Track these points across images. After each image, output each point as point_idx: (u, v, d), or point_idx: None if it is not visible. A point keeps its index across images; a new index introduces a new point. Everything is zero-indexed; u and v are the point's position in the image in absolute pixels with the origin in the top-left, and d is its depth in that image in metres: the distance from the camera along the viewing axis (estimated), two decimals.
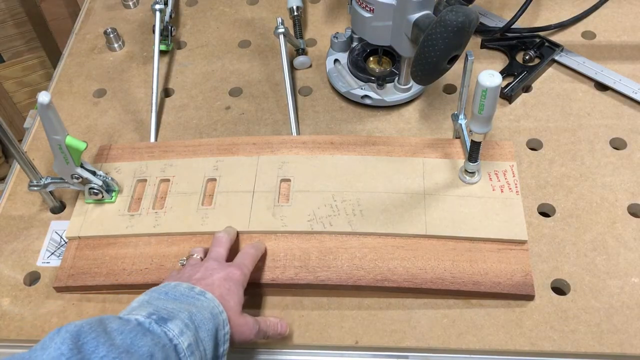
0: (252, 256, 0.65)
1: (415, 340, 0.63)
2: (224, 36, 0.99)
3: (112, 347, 0.45)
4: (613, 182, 0.74)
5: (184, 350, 0.49)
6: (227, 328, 0.55)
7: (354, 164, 0.75)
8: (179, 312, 0.52)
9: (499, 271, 0.66)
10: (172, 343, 0.49)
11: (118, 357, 0.44)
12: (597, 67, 0.86)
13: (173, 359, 0.49)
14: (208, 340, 0.52)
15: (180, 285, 0.56)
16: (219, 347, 0.54)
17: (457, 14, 0.63)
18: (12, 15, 1.56)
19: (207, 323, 0.53)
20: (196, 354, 0.50)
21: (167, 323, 0.50)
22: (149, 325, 0.49)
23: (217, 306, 0.55)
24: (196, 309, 0.53)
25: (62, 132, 0.65)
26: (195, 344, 0.51)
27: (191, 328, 0.51)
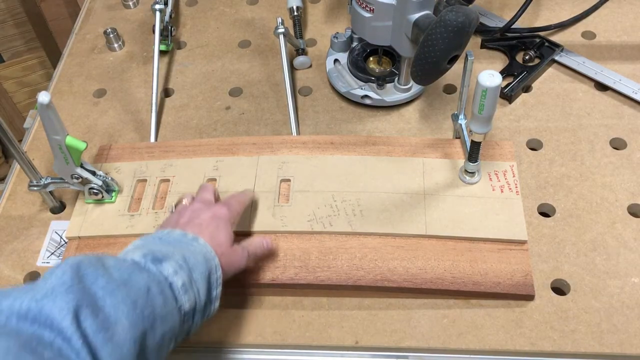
0: (237, 197, 0.67)
1: (415, 340, 0.63)
2: (224, 36, 0.99)
3: (110, 279, 0.47)
4: (613, 182, 0.74)
5: (178, 288, 0.51)
6: (220, 272, 0.57)
7: (354, 164, 0.75)
8: (172, 254, 0.54)
9: (499, 271, 0.66)
10: (167, 281, 0.51)
11: (117, 287, 0.46)
12: (597, 67, 0.86)
13: (168, 294, 0.50)
14: (201, 282, 0.54)
15: (173, 232, 0.58)
16: (211, 290, 0.56)
17: (457, 14, 0.63)
18: (12, 15, 1.56)
19: (200, 266, 0.55)
20: (190, 293, 0.52)
21: (161, 263, 0.52)
22: (145, 264, 0.52)
23: (210, 251, 0.57)
24: (189, 252, 0.55)
25: (62, 132, 0.65)
26: (189, 283, 0.52)
27: (185, 269, 0.53)
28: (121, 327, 0.45)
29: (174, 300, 0.51)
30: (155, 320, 0.48)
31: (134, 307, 0.46)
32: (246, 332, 0.65)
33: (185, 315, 0.52)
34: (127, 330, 0.45)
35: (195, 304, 0.53)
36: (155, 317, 0.48)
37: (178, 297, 0.51)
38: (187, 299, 0.52)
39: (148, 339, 0.47)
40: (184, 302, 0.52)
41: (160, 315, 0.49)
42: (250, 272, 0.67)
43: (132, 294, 0.47)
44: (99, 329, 0.43)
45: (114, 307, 0.45)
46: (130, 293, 0.47)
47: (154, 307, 0.48)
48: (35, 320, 0.42)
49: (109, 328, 0.44)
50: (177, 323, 0.51)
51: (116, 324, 0.45)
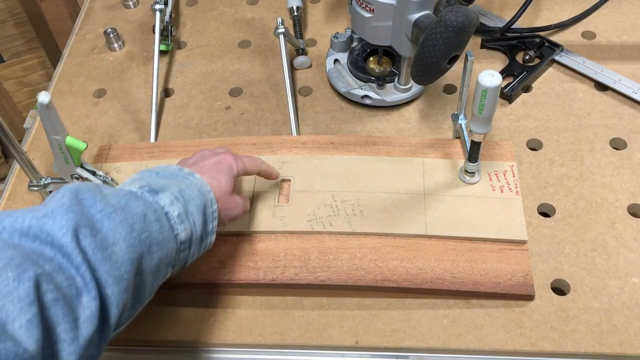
0: (256, 162, 0.67)
1: (415, 340, 0.63)
2: (224, 36, 0.99)
3: (108, 204, 0.48)
4: (613, 182, 0.74)
5: (174, 218, 0.53)
6: (215, 206, 0.59)
7: (354, 164, 0.75)
8: (169, 186, 0.55)
9: (499, 271, 0.66)
10: (163, 210, 0.53)
11: (114, 212, 0.48)
12: (597, 67, 0.86)
13: (164, 222, 0.52)
14: (197, 214, 0.56)
15: (170, 167, 0.60)
16: (207, 222, 0.58)
17: (457, 14, 0.63)
18: (12, 15, 1.55)
19: (196, 199, 0.56)
20: (186, 223, 0.54)
21: (158, 194, 0.54)
22: (141, 194, 0.53)
23: (205, 185, 0.59)
24: (185, 185, 0.57)
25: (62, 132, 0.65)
26: (185, 214, 0.54)
27: (180, 200, 0.54)
28: (119, 248, 0.46)
29: (170, 229, 0.53)
30: (152, 245, 0.50)
31: (131, 230, 0.48)
32: (246, 332, 0.65)
33: (182, 244, 0.54)
34: (124, 251, 0.47)
35: (191, 234, 0.55)
36: (151, 242, 0.50)
37: (174, 226, 0.53)
38: (183, 229, 0.54)
39: (145, 262, 0.49)
40: (180, 231, 0.53)
41: (157, 240, 0.50)
42: (251, 272, 0.67)
43: (130, 219, 0.49)
44: (97, 248, 0.45)
45: (112, 230, 0.47)
46: (127, 217, 0.49)
47: (151, 233, 0.50)
48: (37, 237, 0.44)
49: (107, 247, 0.46)
50: (174, 250, 0.53)
51: (114, 244, 0.46)
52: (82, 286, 0.44)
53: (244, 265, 0.68)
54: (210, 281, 0.67)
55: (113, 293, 0.45)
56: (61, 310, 0.42)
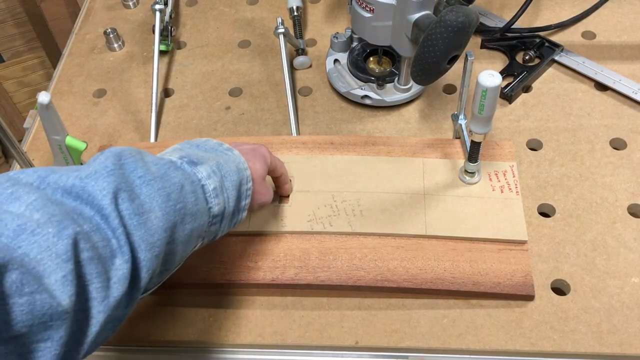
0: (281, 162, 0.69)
1: (415, 340, 0.63)
2: (224, 36, 0.99)
3: (148, 171, 0.49)
4: (613, 182, 0.74)
5: (210, 191, 0.54)
6: (250, 184, 0.60)
7: (354, 164, 0.75)
8: (208, 159, 0.56)
9: (499, 271, 0.66)
10: (200, 182, 0.54)
11: (153, 179, 0.49)
12: (597, 67, 0.86)
13: (200, 194, 0.53)
14: (232, 189, 0.57)
15: (210, 140, 0.61)
16: (241, 199, 0.59)
17: (457, 14, 0.63)
18: (12, 15, 1.56)
19: (232, 175, 0.57)
20: (220, 198, 0.55)
21: (196, 166, 0.55)
22: (181, 165, 0.54)
23: (243, 162, 0.60)
24: (223, 160, 0.57)
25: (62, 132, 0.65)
26: (220, 189, 0.55)
27: (217, 174, 0.55)
28: (154, 215, 0.48)
29: (204, 202, 0.54)
30: (185, 216, 0.51)
31: (168, 199, 0.49)
32: (246, 332, 0.65)
33: (214, 217, 0.55)
34: (159, 219, 0.48)
35: (224, 209, 0.56)
36: (186, 213, 0.51)
37: (209, 200, 0.54)
38: (216, 203, 0.55)
39: (177, 231, 0.50)
40: (214, 205, 0.54)
41: (191, 212, 0.51)
42: (251, 272, 0.67)
43: (167, 188, 0.49)
44: (134, 213, 0.46)
45: (149, 197, 0.48)
46: (165, 186, 0.49)
47: (186, 204, 0.51)
48: (79, 196, 0.45)
49: (143, 213, 0.47)
50: (205, 223, 0.54)
51: (150, 211, 0.47)
52: (117, 248, 0.45)
53: (244, 265, 0.68)
54: (210, 281, 0.67)
55: (145, 258, 0.46)
56: (95, 270, 0.43)
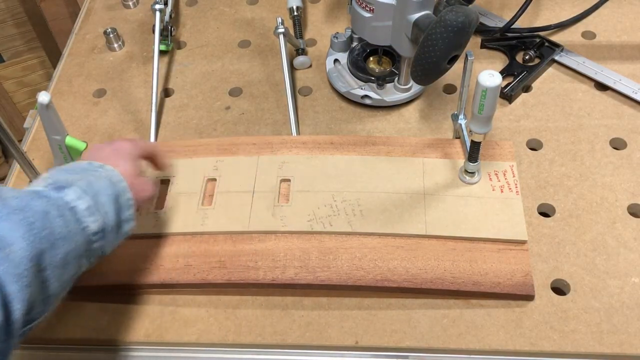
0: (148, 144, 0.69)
1: (415, 340, 0.63)
2: (224, 36, 0.99)
3: (6, 206, 0.49)
4: (613, 182, 0.74)
5: (82, 211, 0.54)
6: (129, 194, 0.60)
7: (354, 164, 0.75)
8: (77, 180, 0.56)
9: (499, 271, 0.66)
10: (68, 205, 0.54)
11: (12, 213, 0.49)
12: (597, 67, 0.86)
13: (69, 217, 0.53)
14: (109, 204, 0.57)
15: (80, 163, 0.61)
16: (122, 210, 0.59)
17: (457, 14, 0.63)
18: (12, 15, 1.55)
19: (107, 189, 0.57)
20: (96, 215, 0.55)
21: (64, 190, 0.55)
22: (45, 192, 0.54)
23: (116, 175, 0.60)
24: (95, 178, 0.58)
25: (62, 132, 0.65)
26: (94, 206, 0.55)
27: (89, 193, 0.56)
28: (17, 247, 0.48)
29: (76, 223, 0.54)
30: (55, 241, 0.51)
31: (30, 229, 0.49)
32: (246, 332, 0.65)
33: (94, 235, 0.55)
34: (24, 250, 0.48)
35: (104, 224, 0.56)
36: (55, 238, 0.51)
37: (82, 219, 0.54)
38: (92, 220, 0.55)
39: (47, 258, 0.50)
40: (90, 222, 0.55)
41: (61, 235, 0.52)
42: (251, 272, 0.67)
43: (29, 218, 0.50)
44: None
45: (10, 230, 0.48)
46: (27, 216, 0.50)
47: (53, 229, 0.51)
48: None
49: (4, 248, 0.47)
50: (83, 243, 0.54)
51: (12, 244, 0.48)
52: None
53: (244, 265, 0.68)
54: (210, 281, 0.67)
55: (14, 290, 0.47)
56: None
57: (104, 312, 0.68)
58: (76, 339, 0.66)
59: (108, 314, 0.68)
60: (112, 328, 0.67)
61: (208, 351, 0.66)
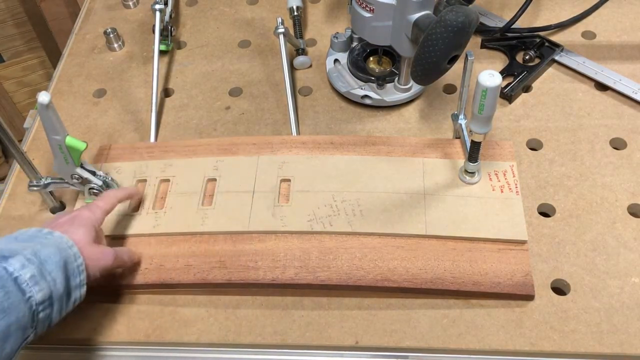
0: (108, 197, 0.68)
1: (415, 340, 0.63)
2: (224, 36, 0.99)
3: None
4: (613, 182, 0.74)
5: (26, 281, 0.53)
6: (80, 260, 0.59)
7: (354, 164, 0.75)
8: (22, 249, 0.55)
9: (499, 271, 0.66)
10: (11, 276, 0.53)
11: None
12: (597, 67, 0.86)
13: (11, 287, 0.52)
14: (56, 271, 0.56)
15: (29, 230, 0.60)
16: (71, 278, 0.58)
17: (457, 14, 0.63)
18: (12, 15, 1.55)
19: (54, 256, 0.56)
20: (42, 284, 0.54)
21: (7, 260, 0.54)
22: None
23: (66, 242, 0.59)
24: (41, 246, 0.57)
25: (62, 132, 0.65)
26: (39, 275, 0.54)
27: (34, 262, 0.55)
28: None
29: (19, 293, 0.53)
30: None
31: None
32: (246, 332, 0.65)
33: (39, 305, 0.54)
34: None
35: (50, 293, 0.55)
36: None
37: (26, 289, 0.53)
38: (37, 290, 0.54)
39: None
40: (34, 292, 0.54)
41: (1, 308, 0.51)
42: (251, 272, 0.67)
43: None
44: None
45: None
46: None
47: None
48: None
49: None
50: (26, 313, 0.53)
51: None
52: None
53: (244, 265, 0.68)
54: (210, 281, 0.67)
55: None
56: None
57: (104, 312, 0.68)
58: (76, 339, 0.66)
59: (108, 314, 0.68)
60: (112, 328, 0.67)
61: (208, 351, 0.65)
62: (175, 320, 0.67)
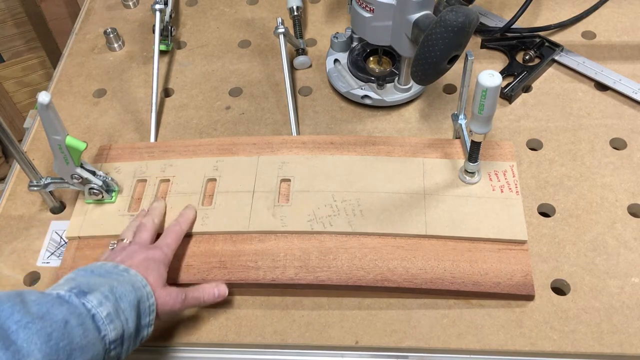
0: (176, 233, 0.68)
1: (415, 340, 0.63)
2: (224, 36, 0.99)
3: (27, 314, 0.48)
4: (613, 182, 0.74)
5: (102, 318, 0.53)
6: (152, 300, 0.59)
7: (354, 164, 0.75)
8: (100, 285, 0.55)
9: (499, 271, 0.66)
10: (89, 313, 0.53)
11: (32, 321, 0.48)
12: (597, 67, 0.86)
13: (89, 325, 0.52)
14: (130, 310, 0.56)
15: (105, 264, 0.60)
16: (142, 317, 0.58)
17: (457, 14, 0.63)
18: (12, 15, 1.56)
19: (129, 295, 0.56)
20: (116, 322, 0.54)
21: (86, 295, 0.54)
22: (68, 298, 0.53)
23: (141, 280, 0.59)
24: (118, 283, 0.57)
25: (62, 132, 0.65)
26: (115, 313, 0.54)
27: (111, 299, 0.55)
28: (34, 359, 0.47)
29: (96, 331, 0.53)
30: (73, 351, 0.50)
31: (48, 339, 0.48)
32: (246, 332, 0.65)
33: (112, 343, 0.54)
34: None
35: (122, 332, 0.55)
36: (73, 348, 0.50)
37: (102, 327, 0.53)
38: (112, 328, 0.54)
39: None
40: (109, 331, 0.53)
41: (79, 345, 0.50)
42: (251, 272, 0.67)
43: (48, 327, 0.49)
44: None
45: (27, 340, 0.47)
46: (45, 326, 0.49)
47: (72, 339, 0.50)
48: None
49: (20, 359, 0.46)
50: (100, 352, 0.53)
51: (28, 356, 0.46)
52: None
53: (244, 265, 0.68)
54: (211, 281, 0.67)
55: None
56: None
57: None
58: None
59: None
60: None
61: (208, 351, 0.66)
62: (175, 320, 0.67)
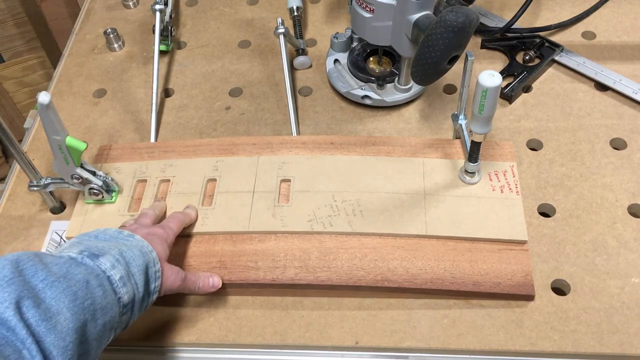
0: (178, 219, 0.68)
1: (415, 340, 0.63)
2: (224, 36, 0.99)
3: (50, 273, 0.48)
4: (613, 182, 0.74)
5: (117, 281, 0.53)
6: (158, 266, 0.59)
7: (354, 164, 0.75)
8: (109, 249, 0.55)
9: (499, 271, 0.66)
10: (105, 274, 0.53)
11: (57, 280, 0.48)
12: (597, 67, 0.86)
13: (107, 287, 0.52)
14: (139, 275, 0.56)
15: (108, 230, 0.60)
16: (150, 282, 0.57)
17: (457, 14, 0.63)
18: (12, 15, 1.56)
19: (137, 259, 0.56)
20: (128, 286, 0.54)
21: (98, 258, 0.54)
22: (82, 260, 0.53)
23: (147, 246, 0.59)
24: (126, 247, 0.57)
25: (62, 132, 0.65)
26: (126, 276, 0.54)
27: (122, 263, 0.54)
28: (63, 317, 0.47)
29: (113, 293, 0.53)
30: (95, 311, 0.50)
31: (75, 298, 0.48)
32: (246, 332, 0.65)
33: (124, 307, 0.54)
34: (69, 320, 0.47)
35: (134, 296, 0.55)
36: (95, 309, 0.50)
37: (117, 290, 0.53)
38: (125, 291, 0.54)
39: (89, 329, 0.49)
40: (123, 294, 0.53)
41: (101, 306, 0.51)
42: (251, 272, 0.67)
43: (72, 287, 0.49)
44: (41, 319, 0.45)
45: (55, 299, 0.47)
46: (70, 285, 0.49)
47: (94, 299, 0.50)
48: None
49: (51, 318, 0.46)
50: (117, 314, 0.53)
51: (58, 314, 0.47)
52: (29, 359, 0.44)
53: (244, 265, 0.68)
54: None
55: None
56: None
57: None
58: None
59: None
60: None
61: (208, 351, 0.66)
62: (175, 321, 0.67)
